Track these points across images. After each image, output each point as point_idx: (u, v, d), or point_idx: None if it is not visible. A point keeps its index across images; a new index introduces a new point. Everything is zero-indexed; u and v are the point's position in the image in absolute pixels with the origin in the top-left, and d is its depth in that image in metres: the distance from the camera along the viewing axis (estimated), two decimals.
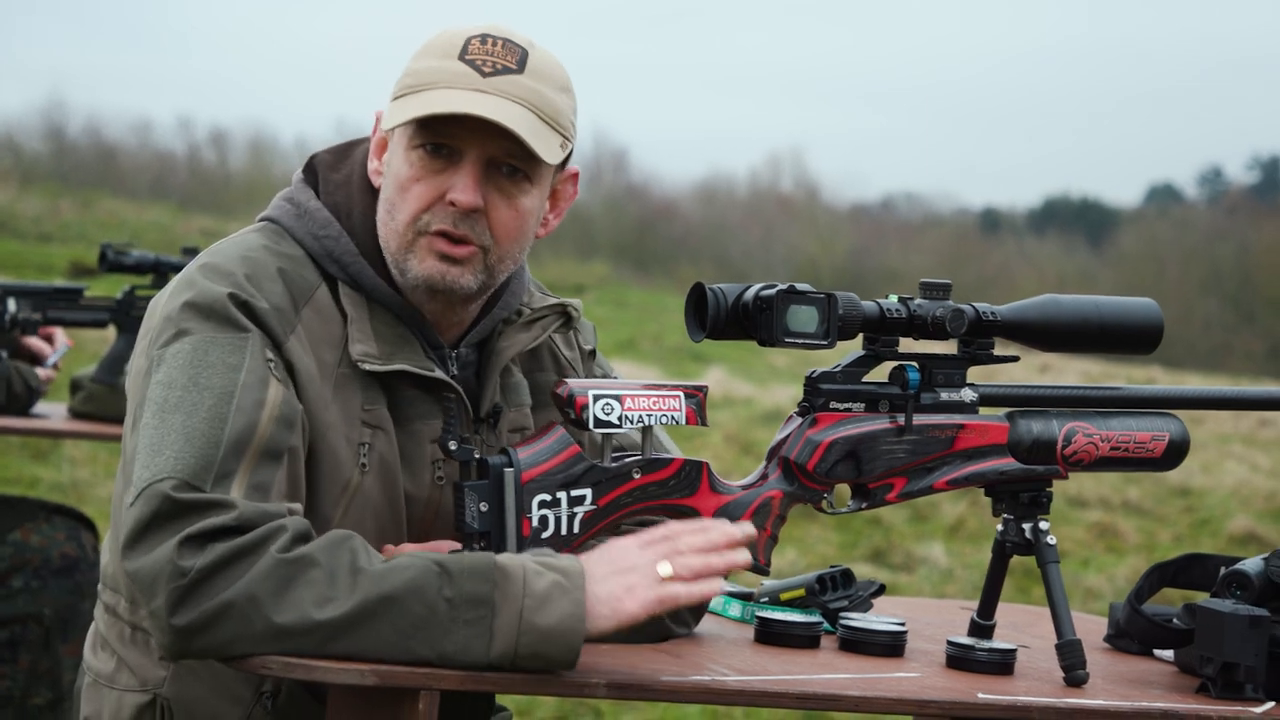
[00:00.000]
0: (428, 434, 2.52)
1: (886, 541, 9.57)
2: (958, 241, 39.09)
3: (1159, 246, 38.04)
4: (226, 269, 2.44)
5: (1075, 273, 37.92)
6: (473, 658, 2.20)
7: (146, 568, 2.21)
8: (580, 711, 5.99)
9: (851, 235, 38.47)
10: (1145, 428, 2.65)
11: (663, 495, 2.44)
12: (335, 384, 2.46)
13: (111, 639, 2.52)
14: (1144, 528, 11.02)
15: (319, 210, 2.55)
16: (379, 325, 2.51)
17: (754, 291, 2.44)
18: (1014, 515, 2.62)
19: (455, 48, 2.49)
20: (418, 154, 2.48)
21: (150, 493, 2.25)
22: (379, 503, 2.48)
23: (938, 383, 2.58)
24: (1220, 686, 2.52)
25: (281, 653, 2.19)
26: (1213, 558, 2.78)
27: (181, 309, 2.40)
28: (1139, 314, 2.62)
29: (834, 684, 2.38)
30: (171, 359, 2.37)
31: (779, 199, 39.98)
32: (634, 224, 34.89)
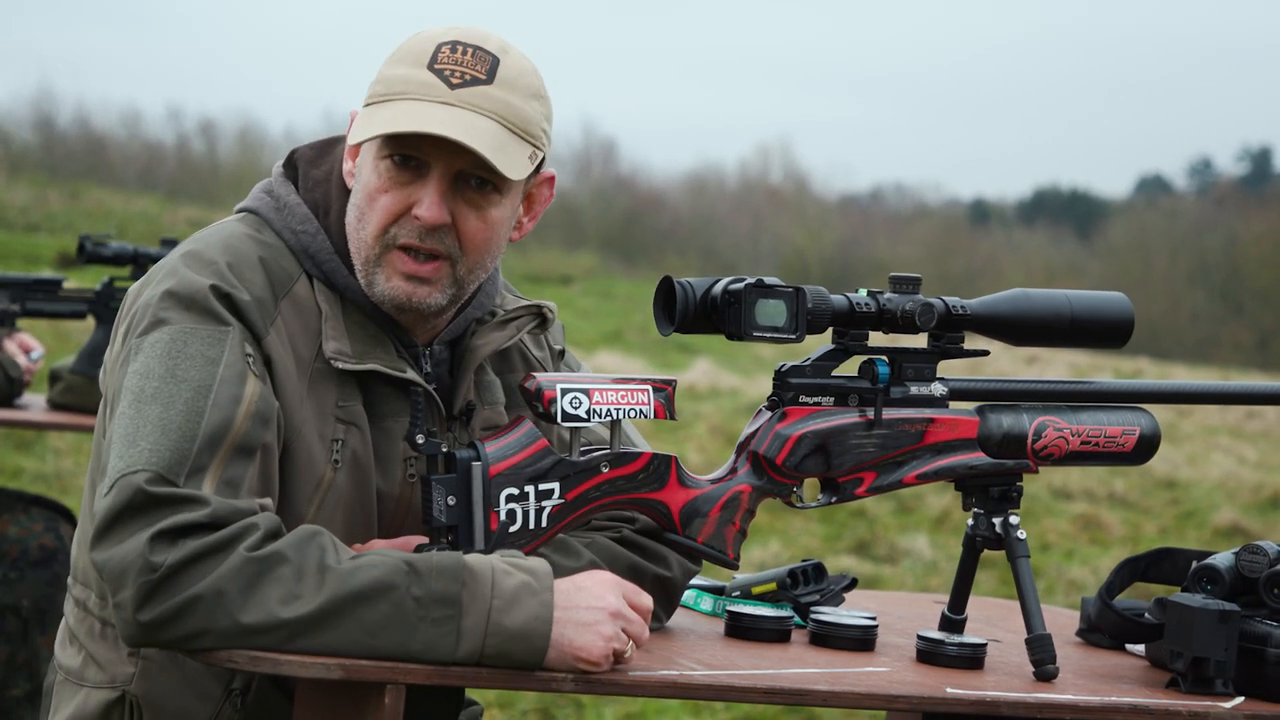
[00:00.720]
0: (400, 431, 2.51)
1: (870, 533, 9.57)
2: (946, 232, 39.13)
3: (1148, 237, 38.08)
4: (209, 258, 2.43)
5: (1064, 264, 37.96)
6: (439, 656, 2.20)
7: (116, 559, 2.21)
8: (561, 703, 5.99)
9: (840, 226, 38.51)
10: (1116, 422, 2.64)
11: (631, 489, 2.43)
12: (310, 379, 2.46)
13: (80, 634, 2.51)
14: (1129, 520, 11.03)
15: (298, 206, 2.54)
16: (352, 324, 2.51)
17: (722, 285, 2.44)
18: (984, 510, 2.61)
19: (425, 55, 2.48)
20: (385, 164, 2.47)
21: (124, 484, 2.23)
22: (351, 499, 2.47)
23: (907, 377, 2.58)
24: (1190, 681, 2.51)
25: (247, 648, 2.18)
26: (1184, 552, 2.78)
27: (162, 298, 2.39)
28: (1110, 308, 2.61)
29: (802, 678, 2.37)
30: (150, 348, 2.36)
31: (768, 190, 40.00)
32: (622, 215, 34.89)
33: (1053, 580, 8.85)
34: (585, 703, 6.03)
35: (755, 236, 36.49)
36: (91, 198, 26.55)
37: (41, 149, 33.47)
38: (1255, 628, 2.53)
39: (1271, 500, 12.18)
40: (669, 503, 2.46)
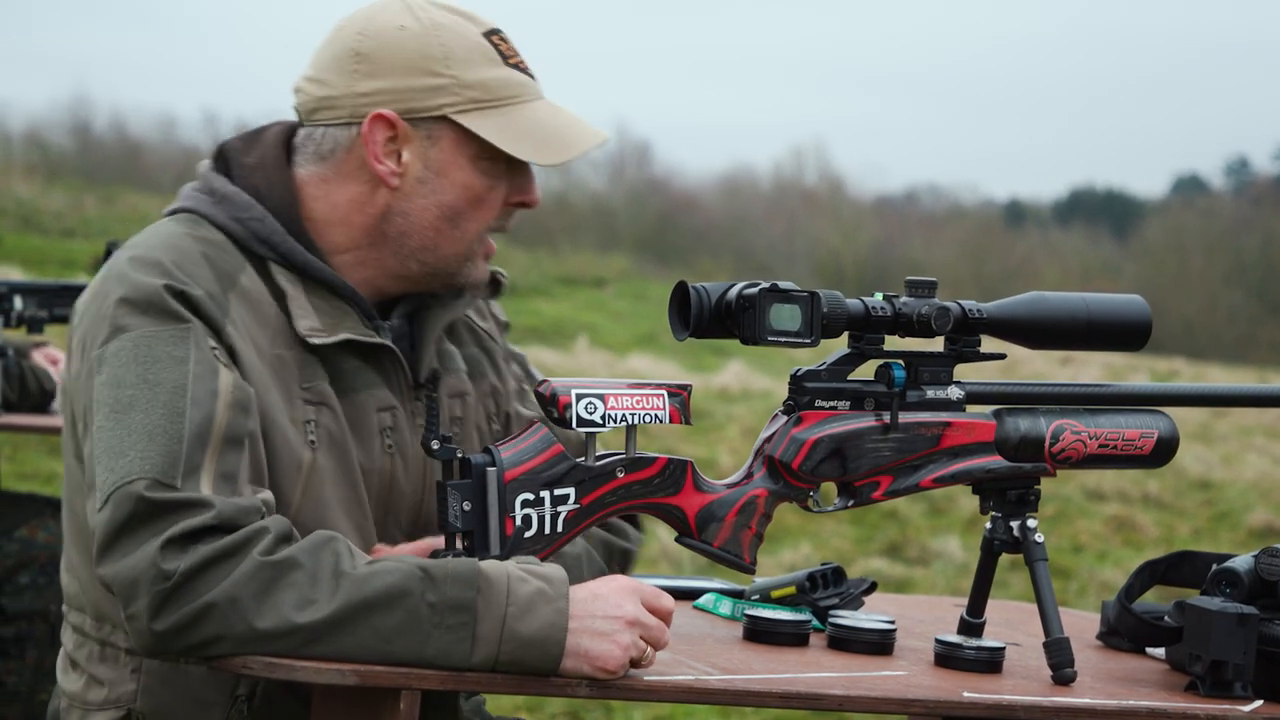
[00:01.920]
0: (373, 403, 2.54)
1: (902, 535, 9.56)
2: (982, 233, 39.05)
3: (1184, 237, 37.94)
4: (154, 259, 2.43)
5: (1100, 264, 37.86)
6: (454, 663, 2.20)
7: (126, 571, 2.21)
8: (590, 706, 6.00)
9: (875, 228, 38.45)
10: (1134, 425, 2.63)
11: (647, 494, 2.44)
12: (272, 366, 2.46)
13: (80, 659, 2.51)
14: (1163, 521, 11.00)
15: (238, 194, 2.54)
16: (315, 300, 2.52)
17: (737, 290, 2.44)
18: (1002, 513, 2.61)
19: (489, 50, 2.57)
20: (488, 164, 2.56)
21: (121, 495, 2.24)
22: (336, 478, 2.48)
23: (924, 380, 2.58)
24: (1209, 684, 2.51)
25: (261, 653, 2.19)
26: (1204, 555, 2.77)
27: (117, 305, 2.38)
28: (1128, 311, 2.61)
29: (818, 683, 2.38)
30: (115, 358, 2.35)
31: (802, 192, 39.97)
32: (655, 217, 34.88)
33: (1085, 582, 8.83)
34: (614, 706, 6.04)
35: (790, 238, 36.46)
36: (127, 203, 26.63)
37: (77, 154, 33.61)
38: (1274, 631, 2.52)
39: None
40: (685, 507, 2.46)
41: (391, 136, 2.54)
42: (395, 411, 2.55)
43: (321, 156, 2.57)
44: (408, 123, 2.53)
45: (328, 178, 2.56)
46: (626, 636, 2.25)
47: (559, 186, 36.24)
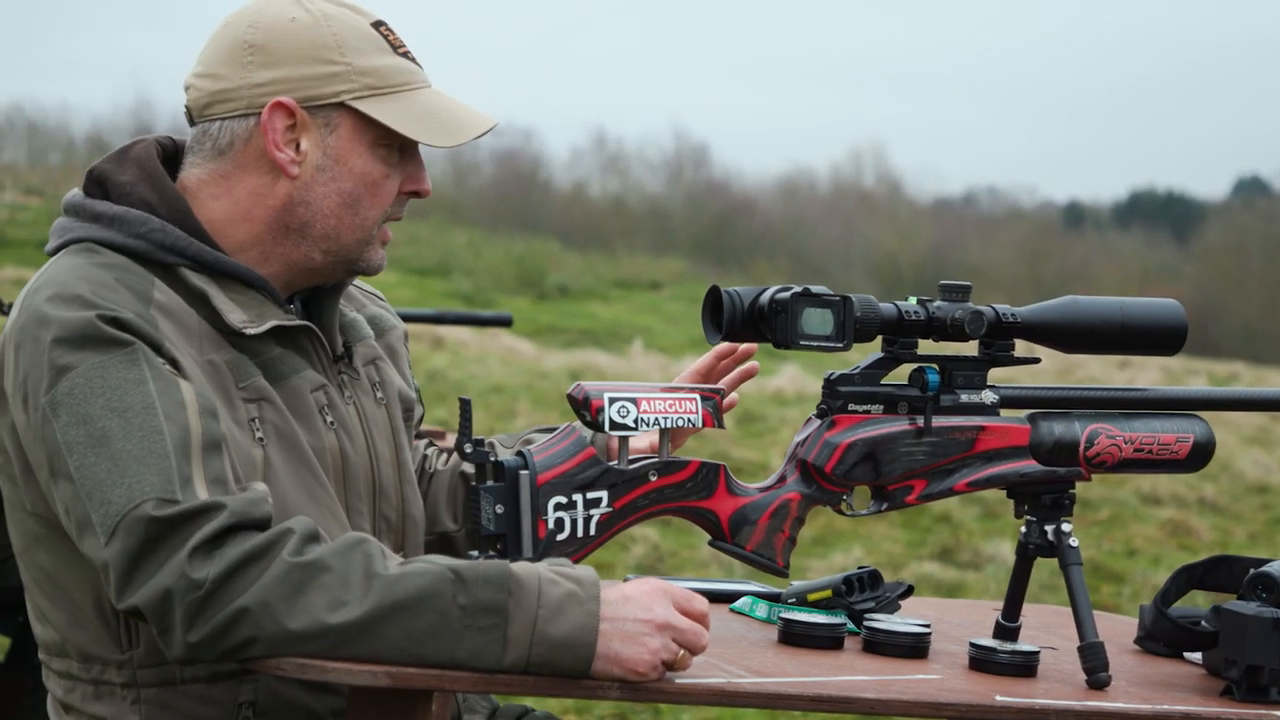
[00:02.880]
0: (306, 385, 2.54)
1: (954, 539, 9.53)
2: (1040, 235, 38.92)
3: (1245, 239, 37.74)
4: (73, 292, 2.39)
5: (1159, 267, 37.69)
6: (485, 665, 2.21)
7: (155, 591, 2.22)
8: (638, 707, 6.01)
9: (933, 230, 38.38)
10: (1169, 429, 2.63)
11: (680, 497, 2.44)
12: (207, 374, 2.45)
13: (74, 702, 2.50)
14: (1218, 525, 10.94)
15: (128, 212, 2.52)
16: (234, 295, 2.52)
17: (769, 294, 2.45)
18: (1036, 517, 2.61)
19: (377, 39, 2.58)
20: (385, 151, 2.56)
21: (130, 522, 2.23)
22: (291, 467, 2.49)
23: (957, 384, 2.58)
24: (1244, 689, 2.50)
25: (294, 654, 2.21)
26: (1241, 560, 2.76)
27: (52, 348, 2.34)
28: (1162, 315, 2.61)
29: (850, 685, 2.37)
30: (68, 398, 2.32)
31: (860, 194, 39.94)
32: (712, 219, 34.91)
33: (1139, 586, 8.78)
34: (662, 708, 6.04)
35: (847, 241, 36.42)
36: None
37: None
38: None
39: None
40: (718, 511, 2.47)
41: (291, 125, 2.53)
42: (327, 389, 2.57)
43: (220, 151, 2.56)
44: (306, 111, 2.53)
45: (226, 173, 2.56)
46: (657, 640, 2.26)
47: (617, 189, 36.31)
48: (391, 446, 2.66)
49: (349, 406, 2.60)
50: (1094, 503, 11.08)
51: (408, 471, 2.68)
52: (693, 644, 2.29)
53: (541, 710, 2.83)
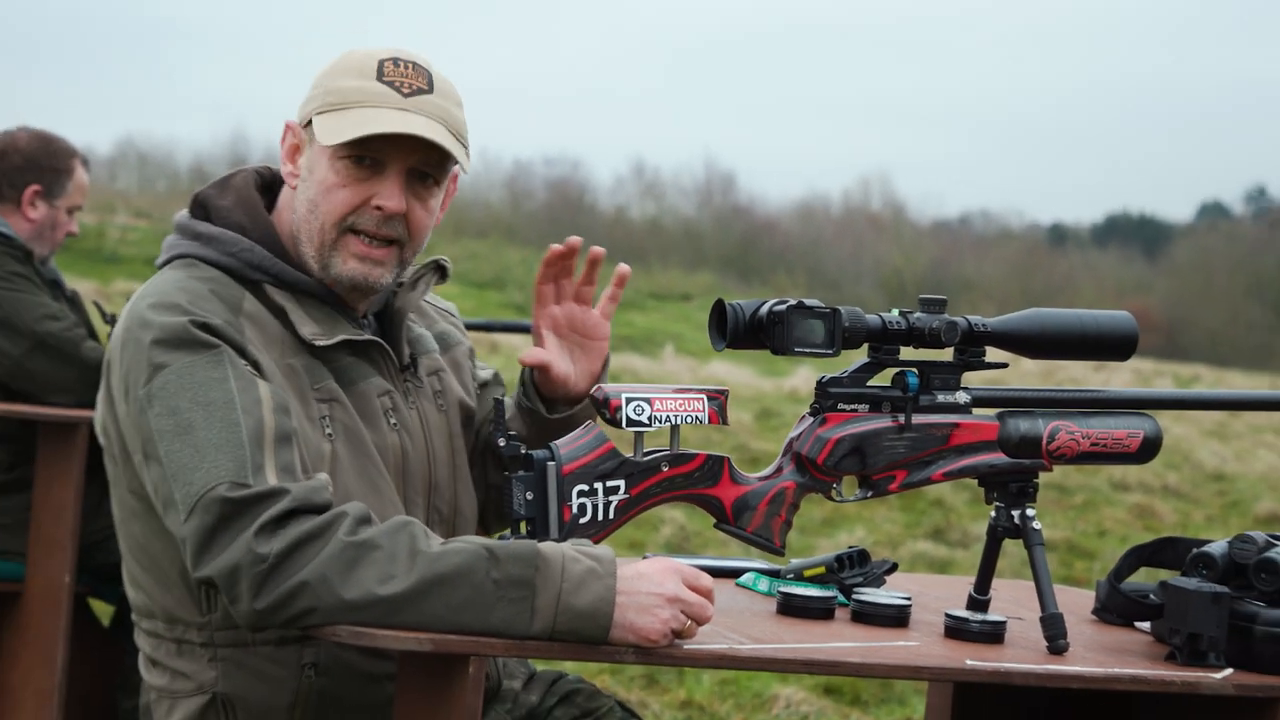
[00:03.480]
0: (373, 390, 2.54)
1: (945, 521, 9.50)
2: (1028, 253, 38.85)
3: (1209, 258, 37.64)
4: (172, 301, 2.42)
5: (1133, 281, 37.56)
6: (515, 632, 2.21)
7: (225, 565, 2.24)
8: (664, 670, 6.00)
9: (933, 248, 38.34)
10: (1122, 426, 2.62)
11: (688, 486, 2.44)
12: (286, 375, 2.47)
13: (161, 657, 2.52)
14: (1180, 509, 10.90)
15: (223, 232, 2.54)
16: (310, 310, 2.53)
17: (768, 306, 2.44)
18: (1004, 503, 2.60)
19: (370, 69, 2.51)
20: (344, 164, 2.51)
21: (206, 502, 2.26)
22: (356, 461, 2.49)
23: (935, 386, 2.57)
24: (1186, 654, 2.49)
25: (349, 622, 2.21)
26: (1185, 541, 2.75)
27: (151, 348, 2.38)
28: (1116, 325, 2.60)
29: (838, 652, 2.37)
30: (162, 391, 2.35)
31: (869, 216, 39.90)
32: (739, 239, 34.90)
33: (1108, 563, 8.74)
34: (686, 670, 6.04)
35: (857, 258, 36.37)
36: None
37: None
38: (1244, 607, 2.50)
39: None
40: (722, 498, 2.47)
41: (295, 144, 2.56)
42: (392, 394, 2.56)
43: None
44: (303, 130, 2.55)
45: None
46: (667, 611, 2.26)
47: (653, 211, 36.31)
48: (449, 448, 2.66)
49: (412, 411, 2.60)
50: (1070, 489, 11.05)
51: (462, 471, 2.68)
52: (699, 615, 2.29)
53: (573, 674, 2.83)
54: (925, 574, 3.17)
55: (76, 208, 4.79)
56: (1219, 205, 50.85)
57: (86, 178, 4.82)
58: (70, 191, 4.75)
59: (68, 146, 4.78)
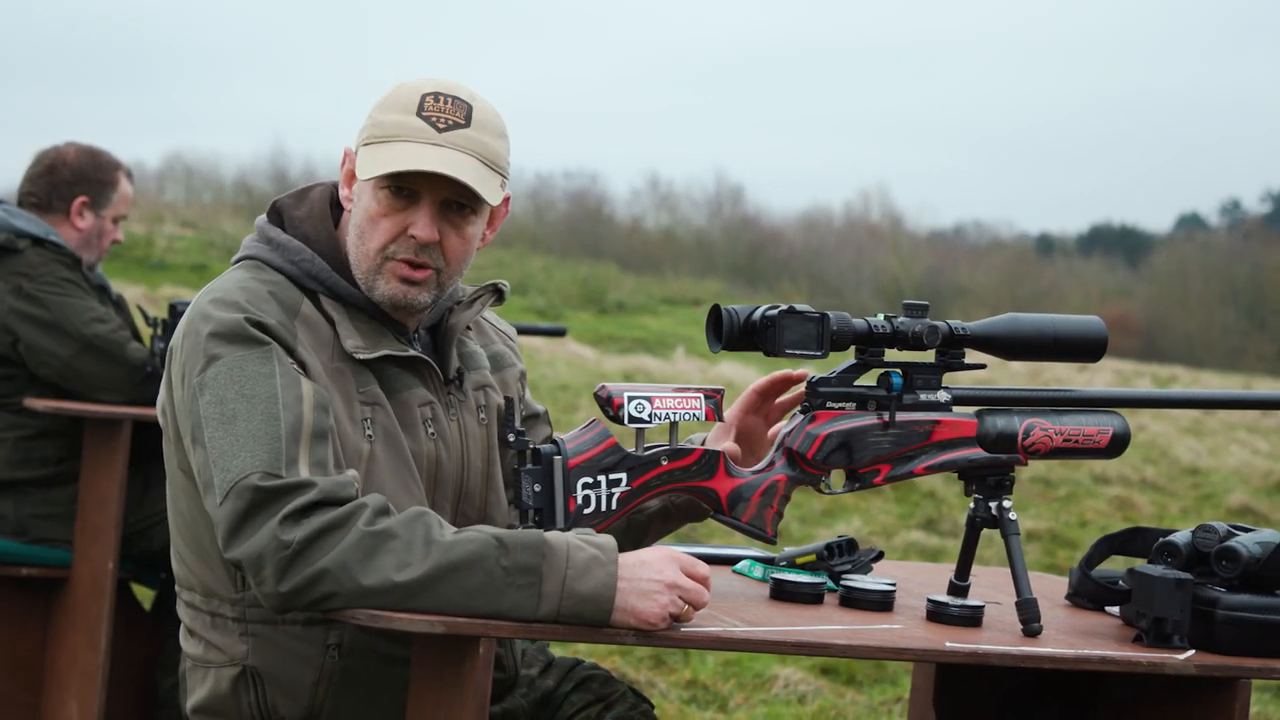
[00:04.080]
0: (415, 400, 2.54)
1: (937, 511, 9.48)
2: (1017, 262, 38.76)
3: (1186, 266, 37.55)
4: (232, 299, 2.45)
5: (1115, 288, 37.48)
6: (523, 615, 2.22)
7: (253, 549, 2.25)
8: (671, 651, 5.99)
9: (929, 257, 38.26)
10: (1092, 423, 2.62)
11: (686, 479, 2.44)
12: (331, 377, 2.47)
13: (197, 629, 2.53)
14: (1157, 501, 10.86)
15: (291, 241, 2.56)
16: (358, 323, 2.53)
17: (761, 311, 2.44)
18: (982, 495, 2.59)
19: (413, 104, 2.50)
20: (384, 194, 2.50)
21: (240, 489, 2.27)
22: (392, 463, 2.49)
23: (917, 386, 2.57)
24: (1152, 637, 2.49)
25: (367, 607, 2.22)
26: (1152, 530, 2.75)
27: (208, 339, 2.40)
28: (1086, 329, 2.60)
29: (826, 634, 2.37)
30: (213, 381, 2.37)
31: (868, 227, 39.81)
32: (746, 248, 34.87)
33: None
34: (691, 652, 6.04)
35: (858, 266, 36.31)
36: None
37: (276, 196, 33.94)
38: (1206, 593, 2.50)
39: (1279, 485, 11.96)
40: (718, 490, 2.47)
41: (350, 170, 2.56)
42: (433, 405, 2.55)
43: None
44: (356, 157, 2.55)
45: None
46: (666, 596, 2.26)
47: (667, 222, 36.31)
48: (485, 459, 2.64)
49: (452, 422, 2.59)
50: (1054, 482, 11.02)
51: (495, 481, 2.66)
52: (695, 601, 2.29)
53: (589, 661, 2.83)
54: (912, 562, 3.16)
55: (121, 217, 4.80)
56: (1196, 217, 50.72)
57: (131, 189, 4.83)
58: (115, 202, 4.76)
59: (113, 160, 4.79)
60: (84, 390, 4.58)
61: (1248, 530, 2.60)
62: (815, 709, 5.48)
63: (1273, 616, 2.49)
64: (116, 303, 4.81)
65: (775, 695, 5.64)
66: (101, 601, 4.52)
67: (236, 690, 2.49)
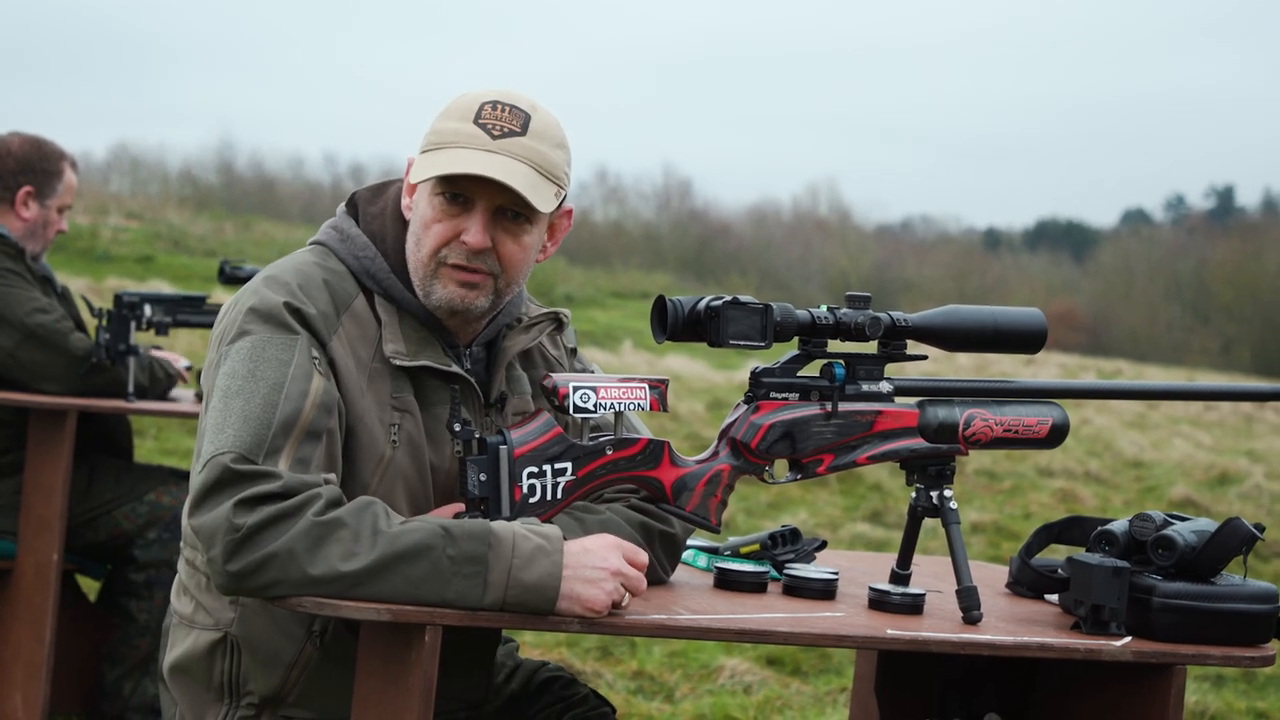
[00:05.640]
0: (447, 417, 2.55)
1: (883, 504, 9.53)
2: (964, 256, 38.97)
3: (1131, 261, 37.81)
4: (284, 280, 2.48)
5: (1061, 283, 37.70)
6: (469, 604, 2.23)
7: (208, 523, 2.26)
8: (618, 643, 6.01)
9: (876, 251, 38.40)
10: (1032, 414, 2.64)
11: (631, 468, 2.45)
12: (369, 376, 2.49)
13: (191, 587, 2.56)
14: (1100, 494, 10.95)
15: (359, 236, 2.59)
16: (407, 329, 2.55)
17: (705, 302, 2.46)
18: (924, 485, 2.62)
19: (471, 111, 2.51)
20: (439, 200, 2.51)
21: (213, 463, 2.29)
22: (409, 472, 2.51)
23: (860, 376, 2.59)
24: (1090, 624, 2.52)
25: (314, 595, 2.23)
26: (1090, 519, 2.78)
27: (246, 314, 2.44)
28: (1026, 321, 2.61)
29: (769, 621, 2.39)
30: (235, 354, 2.41)
31: (817, 221, 39.91)
32: (695, 241, 34.90)
33: None
34: (638, 642, 6.05)
35: (806, 260, 36.41)
36: (261, 229, 26.78)
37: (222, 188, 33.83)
38: (1143, 581, 2.54)
39: (1220, 478, 12.07)
40: (663, 479, 2.48)
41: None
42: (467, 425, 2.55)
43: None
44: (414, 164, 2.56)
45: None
46: (610, 584, 2.28)
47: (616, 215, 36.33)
48: None
49: None
50: (999, 475, 11.10)
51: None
52: (635, 588, 2.31)
53: (553, 664, 2.84)
54: (856, 551, 3.18)
55: (66, 207, 4.79)
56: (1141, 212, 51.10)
57: (75, 179, 4.81)
58: (61, 192, 4.74)
59: (58, 150, 4.77)
60: (27, 380, 4.56)
61: (1184, 519, 2.64)
62: (761, 699, 5.51)
63: (1207, 604, 2.53)
64: (61, 294, 4.79)
65: (721, 685, 5.66)
66: (46, 593, 4.51)
67: (213, 654, 2.52)
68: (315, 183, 36.42)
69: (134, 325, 4.74)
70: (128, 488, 4.64)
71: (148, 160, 35.08)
